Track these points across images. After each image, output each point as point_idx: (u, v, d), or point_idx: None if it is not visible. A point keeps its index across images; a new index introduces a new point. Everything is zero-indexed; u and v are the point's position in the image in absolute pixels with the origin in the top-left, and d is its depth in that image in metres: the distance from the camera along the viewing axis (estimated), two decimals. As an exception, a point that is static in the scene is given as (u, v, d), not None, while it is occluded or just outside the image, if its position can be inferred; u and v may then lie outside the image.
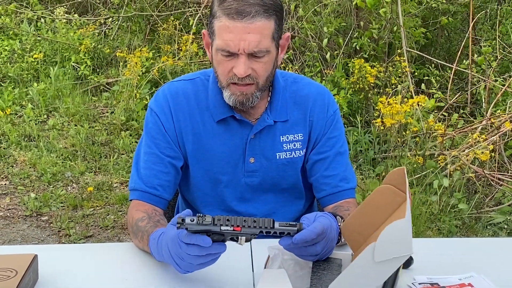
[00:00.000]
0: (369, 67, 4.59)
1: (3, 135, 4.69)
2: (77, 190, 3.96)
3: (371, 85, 4.59)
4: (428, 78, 4.87)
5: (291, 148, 1.66)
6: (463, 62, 4.73)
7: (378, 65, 4.68)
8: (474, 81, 4.68)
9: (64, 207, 3.75)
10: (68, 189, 3.98)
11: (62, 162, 4.29)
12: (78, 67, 5.73)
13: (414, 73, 4.88)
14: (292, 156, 1.66)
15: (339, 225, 1.40)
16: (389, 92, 4.40)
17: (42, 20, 6.30)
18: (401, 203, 1.31)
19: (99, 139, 4.63)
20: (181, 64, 5.18)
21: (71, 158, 4.35)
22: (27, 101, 5.22)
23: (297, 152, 1.66)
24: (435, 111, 4.34)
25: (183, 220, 1.21)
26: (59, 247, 2.20)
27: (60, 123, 4.91)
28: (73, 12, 6.46)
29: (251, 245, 1.49)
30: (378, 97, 4.22)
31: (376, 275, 1.18)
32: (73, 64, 5.76)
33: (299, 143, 1.66)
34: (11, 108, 5.06)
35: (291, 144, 1.65)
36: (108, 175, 4.15)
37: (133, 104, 4.92)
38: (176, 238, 1.25)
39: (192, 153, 1.64)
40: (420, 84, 4.72)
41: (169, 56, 5.31)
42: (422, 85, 4.62)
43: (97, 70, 5.85)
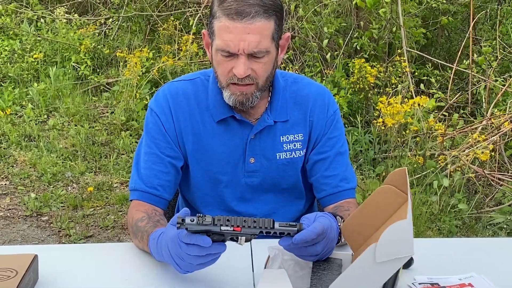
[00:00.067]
0: (369, 67, 4.59)
1: (3, 135, 4.69)
2: (77, 190, 3.96)
3: (371, 85, 4.59)
4: (428, 78, 4.86)
5: (291, 148, 1.66)
6: (463, 62, 4.73)
7: (378, 65, 4.67)
8: (475, 81, 4.68)
9: (64, 207, 3.75)
10: (68, 189, 3.98)
11: (62, 162, 4.29)
12: (78, 67, 5.73)
13: (414, 73, 4.88)
14: (292, 156, 1.66)
15: (339, 225, 1.40)
16: (389, 92, 4.40)
17: (42, 20, 6.30)
18: (402, 204, 1.31)
19: (99, 139, 4.63)
20: (181, 64, 5.18)
21: (71, 158, 4.35)
22: (27, 101, 5.22)
23: (297, 152, 1.66)
24: (435, 111, 4.33)
25: (183, 220, 1.21)
26: (59, 247, 2.20)
27: (60, 123, 4.91)
28: (73, 12, 6.46)
29: (251, 245, 1.49)
30: (378, 97, 4.22)
31: (377, 276, 1.18)
32: (73, 64, 5.76)
33: (299, 143, 1.66)
34: (11, 108, 5.06)
35: (291, 144, 1.65)
36: (108, 175, 4.15)
37: (133, 104, 4.92)
38: (176, 238, 1.25)
39: (192, 153, 1.64)
40: (420, 84, 4.72)
41: (169, 56, 5.30)
42: (422, 85, 4.62)
43: (97, 70, 5.85)
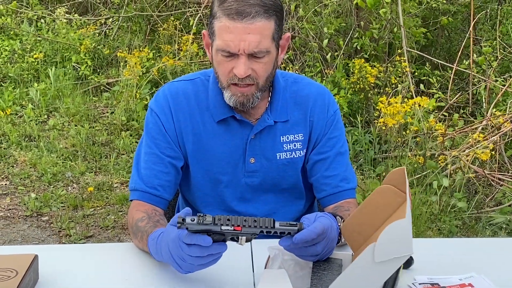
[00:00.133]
0: (370, 67, 4.59)
1: (4, 135, 4.69)
2: (78, 190, 3.96)
3: (372, 85, 4.60)
4: (428, 78, 4.86)
5: (292, 148, 1.66)
6: (464, 62, 4.73)
7: (379, 65, 4.67)
8: (475, 81, 4.68)
9: (65, 207, 3.75)
10: (69, 189, 3.98)
11: (63, 162, 4.29)
12: (79, 67, 5.73)
13: (414, 73, 4.88)
14: (293, 156, 1.66)
15: (339, 225, 1.40)
16: (389, 92, 4.40)
17: (42, 20, 6.30)
18: (401, 203, 1.31)
19: (100, 139, 4.63)
20: (181, 64, 5.18)
21: (72, 158, 4.35)
22: (28, 101, 5.22)
23: (298, 152, 1.66)
24: (436, 111, 4.33)
25: (184, 220, 1.21)
26: (60, 247, 2.20)
27: (61, 123, 4.91)
28: (73, 12, 6.46)
29: (252, 245, 1.49)
30: (379, 97, 4.22)
31: (377, 275, 1.18)
32: (74, 64, 5.76)
33: (300, 143, 1.66)
34: (12, 108, 5.06)
35: (292, 144, 1.65)
36: (109, 175, 4.15)
37: (134, 104, 4.93)
38: (177, 239, 1.25)
39: (192, 153, 1.64)
40: (420, 84, 4.72)
41: (170, 56, 5.30)
42: (422, 86, 4.62)
43: (98, 70, 5.85)
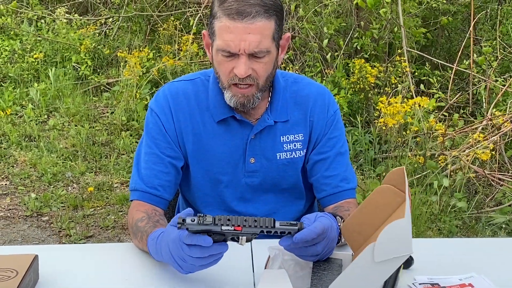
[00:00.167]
0: (370, 67, 4.59)
1: (4, 135, 4.69)
2: (78, 190, 3.96)
3: (372, 85, 4.60)
4: (429, 78, 4.86)
5: (292, 148, 1.66)
6: (464, 62, 4.73)
7: (379, 65, 4.67)
8: (475, 81, 4.68)
9: (65, 207, 3.75)
10: (69, 189, 3.98)
11: (63, 162, 4.29)
12: (79, 67, 5.73)
13: (415, 73, 4.88)
14: (293, 156, 1.66)
15: (339, 226, 1.40)
16: (389, 92, 4.40)
17: (42, 21, 6.30)
18: (401, 203, 1.31)
19: (100, 139, 4.63)
20: (181, 64, 5.18)
21: (72, 158, 4.35)
22: (28, 101, 5.22)
23: (298, 152, 1.66)
24: (436, 111, 4.33)
25: (184, 220, 1.21)
26: (60, 247, 2.20)
27: (61, 123, 4.91)
28: (73, 12, 6.46)
29: (252, 246, 1.49)
30: (379, 97, 4.22)
31: (376, 275, 1.18)
32: (74, 65, 5.76)
33: (300, 143, 1.66)
34: (12, 108, 5.06)
35: (292, 144, 1.65)
36: (109, 175, 4.15)
37: (134, 104, 4.93)
38: (178, 240, 1.25)
39: (193, 153, 1.64)
40: (420, 84, 4.72)
41: (170, 56, 5.30)
42: (422, 86, 4.62)
43: (98, 70, 5.85)
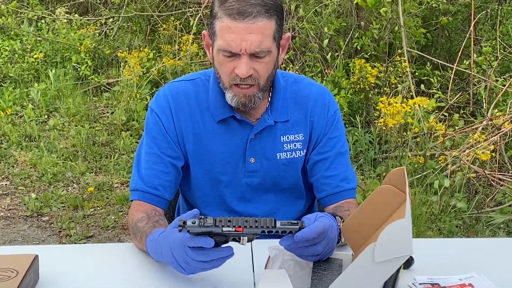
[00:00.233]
0: (370, 67, 4.59)
1: (4, 136, 4.69)
2: (78, 191, 3.96)
3: (372, 85, 4.59)
4: (429, 78, 4.86)
5: (292, 148, 1.66)
6: (464, 62, 4.73)
7: (379, 65, 4.67)
8: (475, 82, 4.68)
9: (65, 208, 3.75)
10: (69, 190, 3.98)
11: (63, 163, 4.29)
12: (79, 68, 5.73)
13: (415, 73, 4.88)
14: (293, 156, 1.66)
15: (339, 226, 1.40)
16: (389, 92, 4.40)
17: (43, 21, 6.30)
18: (401, 203, 1.31)
19: (100, 140, 4.63)
20: (182, 64, 5.18)
21: (72, 159, 4.35)
22: (28, 102, 5.22)
23: (298, 152, 1.66)
24: (436, 112, 4.33)
25: (185, 223, 1.22)
26: (60, 247, 2.20)
27: (61, 124, 4.91)
28: (74, 13, 6.46)
29: (252, 246, 1.49)
30: (379, 97, 4.22)
31: (377, 275, 1.18)
32: (74, 65, 5.76)
33: (300, 143, 1.66)
34: (12, 109, 5.06)
35: (292, 144, 1.65)
36: (109, 176, 4.15)
37: (134, 105, 4.93)
38: (181, 244, 1.25)
39: (193, 153, 1.64)
40: (421, 84, 4.72)
41: (170, 57, 5.30)
42: (422, 86, 4.62)
43: (98, 71, 5.85)
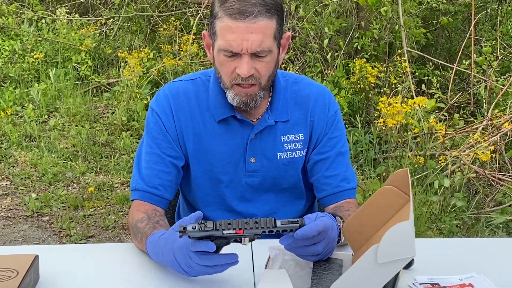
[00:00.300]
0: (370, 67, 4.59)
1: (4, 136, 4.69)
2: (78, 191, 3.96)
3: (372, 85, 4.59)
4: (429, 78, 4.86)
5: (292, 148, 1.66)
6: (464, 62, 4.73)
7: (379, 65, 4.67)
8: (475, 82, 4.68)
9: (65, 208, 3.75)
10: (69, 190, 3.98)
11: (63, 163, 4.29)
12: (79, 68, 5.73)
13: (415, 73, 4.88)
14: (293, 156, 1.66)
15: (339, 225, 1.40)
16: (389, 93, 4.40)
17: (43, 21, 6.30)
18: (403, 205, 1.31)
19: (100, 140, 4.63)
20: (182, 64, 5.18)
21: (72, 159, 4.35)
22: (28, 102, 5.22)
23: (298, 152, 1.66)
24: (436, 112, 4.33)
25: (185, 228, 1.22)
26: (60, 247, 2.20)
27: (61, 124, 4.91)
28: (74, 13, 6.46)
29: (252, 246, 1.49)
30: (379, 97, 4.22)
31: (378, 277, 1.18)
32: (74, 65, 5.76)
33: (300, 143, 1.66)
34: (12, 109, 5.06)
35: (292, 144, 1.65)
36: (109, 176, 4.15)
37: (134, 105, 4.93)
38: (185, 248, 1.26)
39: (193, 153, 1.64)
40: (421, 84, 4.72)
41: (170, 57, 5.30)
42: (424, 86, 4.62)
43: (98, 71, 5.85)
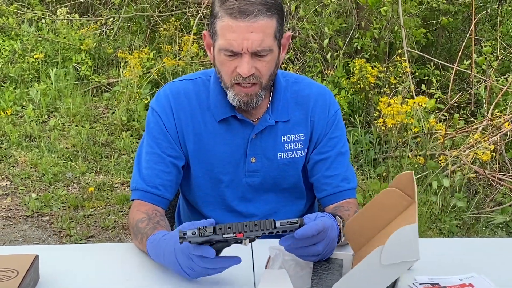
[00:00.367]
0: (370, 67, 4.58)
1: (4, 136, 4.69)
2: (78, 191, 3.96)
3: (372, 85, 4.59)
4: (429, 78, 4.86)
5: (292, 148, 1.66)
6: (464, 62, 4.73)
7: (379, 65, 4.67)
8: (475, 82, 4.68)
9: (65, 208, 3.75)
10: (69, 190, 3.98)
11: (63, 163, 4.29)
12: (79, 68, 5.73)
13: (415, 73, 4.88)
14: (294, 156, 1.66)
15: (339, 225, 1.40)
16: (389, 93, 4.40)
17: (43, 21, 6.30)
18: (406, 207, 1.31)
19: (100, 140, 4.63)
20: (182, 64, 5.18)
21: (72, 159, 4.35)
22: (28, 102, 5.22)
23: (298, 152, 1.66)
24: (436, 112, 4.33)
25: (185, 234, 1.22)
26: (60, 248, 2.20)
27: (61, 124, 4.91)
28: (74, 13, 6.46)
29: (252, 246, 1.48)
30: (379, 97, 4.22)
31: (381, 278, 1.18)
32: (74, 65, 5.76)
33: (300, 143, 1.66)
34: (12, 109, 5.06)
35: (292, 144, 1.65)
36: (109, 176, 4.15)
37: (134, 105, 4.93)
38: (187, 251, 1.26)
39: (193, 153, 1.64)
40: (421, 84, 4.72)
41: (170, 57, 5.30)
42: (424, 86, 4.62)
43: (98, 71, 5.85)
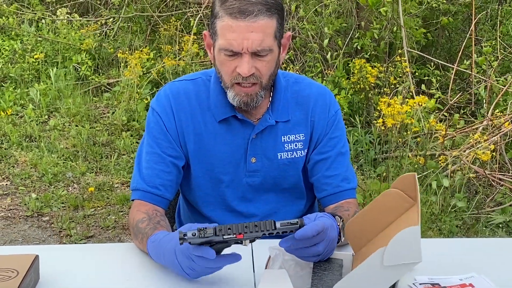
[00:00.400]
0: (370, 67, 4.58)
1: (4, 136, 4.69)
2: (78, 191, 3.96)
3: (372, 85, 4.59)
4: (429, 78, 4.86)
5: (293, 148, 1.66)
6: (464, 63, 4.72)
7: (379, 65, 4.67)
8: (475, 82, 4.68)
9: (65, 208, 3.75)
10: (69, 190, 3.98)
11: (63, 163, 4.29)
12: (79, 68, 5.73)
13: (415, 73, 4.88)
14: (294, 156, 1.66)
15: (339, 225, 1.40)
16: (390, 93, 4.40)
17: (43, 21, 6.30)
18: (408, 209, 1.31)
19: (100, 140, 4.63)
20: (182, 65, 5.18)
21: (72, 159, 4.35)
22: (28, 102, 5.22)
23: (299, 152, 1.67)
24: (436, 112, 4.33)
25: (185, 235, 1.23)
26: (60, 248, 2.20)
27: (61, 124, 4.91)
28: (74, 13, 6.46)
29: (252, 246, 1.48)
30: (379, 97, 4.22)
31: (383, 279, 1.18)
32: (74, 65, 5.76)
33: (301, 143, 1.66)
34: (12, 109, 5.06)
35: (293, 144, 1.66)
36: (109, 176, 4.15)
37: (134, 105, 4.93)
38: (188, 252, 1.27)
39: (194, 153, 1.64)
40: (421, 84, 4.72)
41: (170, 57, 5.30)
42: (423, 86, 4.62)
43: (98, 71, 5.85)
